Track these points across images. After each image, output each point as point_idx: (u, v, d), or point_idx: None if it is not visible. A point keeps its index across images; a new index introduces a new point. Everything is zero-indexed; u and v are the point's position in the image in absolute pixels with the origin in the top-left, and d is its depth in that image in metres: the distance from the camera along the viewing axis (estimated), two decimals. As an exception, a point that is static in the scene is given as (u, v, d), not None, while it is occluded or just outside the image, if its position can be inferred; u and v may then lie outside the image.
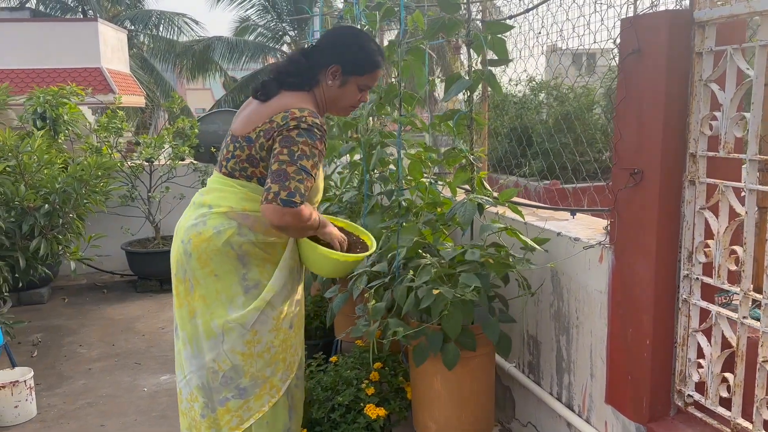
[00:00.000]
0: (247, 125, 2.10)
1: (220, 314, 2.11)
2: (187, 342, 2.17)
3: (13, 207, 3.79)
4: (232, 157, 2.12)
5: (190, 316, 2.15)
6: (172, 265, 2.21)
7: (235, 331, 2.11)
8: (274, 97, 2.12)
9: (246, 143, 2.08)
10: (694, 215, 1.91)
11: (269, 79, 2.18)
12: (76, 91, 5.43)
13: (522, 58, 3.69)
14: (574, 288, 2.39)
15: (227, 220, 2.10)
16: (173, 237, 2.25)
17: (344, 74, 2.14)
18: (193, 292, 2.14)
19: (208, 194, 2.18)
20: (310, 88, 2.16)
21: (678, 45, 1.86)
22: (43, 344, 4.45)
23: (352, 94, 2.18)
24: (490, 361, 2.48)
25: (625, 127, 2.04)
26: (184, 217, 2.21)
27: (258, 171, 2.09)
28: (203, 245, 2.10)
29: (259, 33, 20.37)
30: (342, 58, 2.13)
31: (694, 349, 1.97)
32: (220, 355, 2.12)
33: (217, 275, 2.11)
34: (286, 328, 2.20)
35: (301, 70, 2.15)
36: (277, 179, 1.93)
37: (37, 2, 19.35)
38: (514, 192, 2.53)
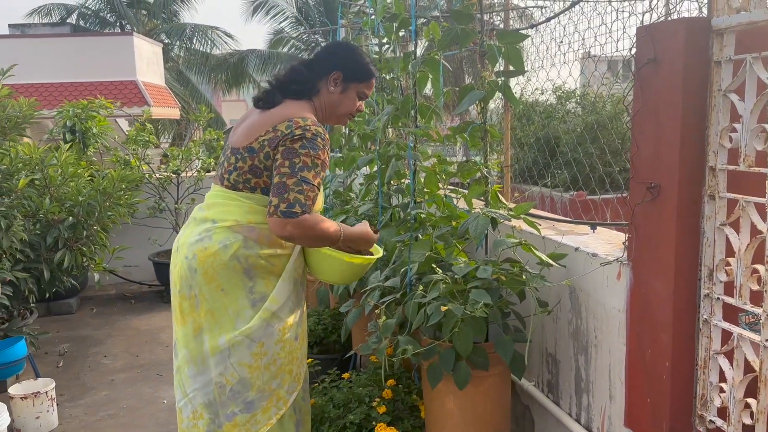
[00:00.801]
0: (248, 136, 2.10)
1: (228, 329, 2.10)
2: (190, 360, 2.15)
3: (38, 219, 3.85)
4: (234, 170, 2.11)
5: (195, 333, 2.13)
6: (173, 282, 2.19)
7: (243, 344, 2.09)
8: (277, 106, 2.14)
9: (248, 154, 2.08)
10: (714, 232, 1.81)
11: (271, 87, 2.21)
12: (105, 105, 5.53)
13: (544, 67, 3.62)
14: (593, 305, 2.31)
15: (233, 233, 2.10)
16: (173, 254, 2.23)
17: (345, 81, 2.20)
18: (199, 308, 2.12)
19: (210, 209, 2.16)
20: (311, 96, 2.20)
21: (695, 54, 1.78)
22: (69, 354, 4.51)
23: (351, 101, 2.23)
24: (505, 380, 2.40)
25: (642, 139, 1.96)
26: (184, 233, 2.20)
27: (262, 181, 2.09)
28: (209, 260, 2.09)
29: (292, 45, 20.60)
30: (343, 65, 2.20)
31: (715, 372, 1.87)
32: (227, 368, 2.10)
33: (224, 290, 2.10)
34: (291, 340, 2.18)
35: (302, 78, 2.20)
36: (277, 192, 1.97)
37: (77, 18, 19.89)
38: (530, 206, 2.46)
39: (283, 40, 20.65)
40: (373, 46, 3.71)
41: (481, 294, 2.13)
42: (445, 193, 2.90)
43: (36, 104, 4.07)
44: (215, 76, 20.04)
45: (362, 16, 4.07)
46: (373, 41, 3.66)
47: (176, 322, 2.19)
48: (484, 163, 2.50)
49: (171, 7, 20.33)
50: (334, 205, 4.18)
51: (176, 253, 2.20)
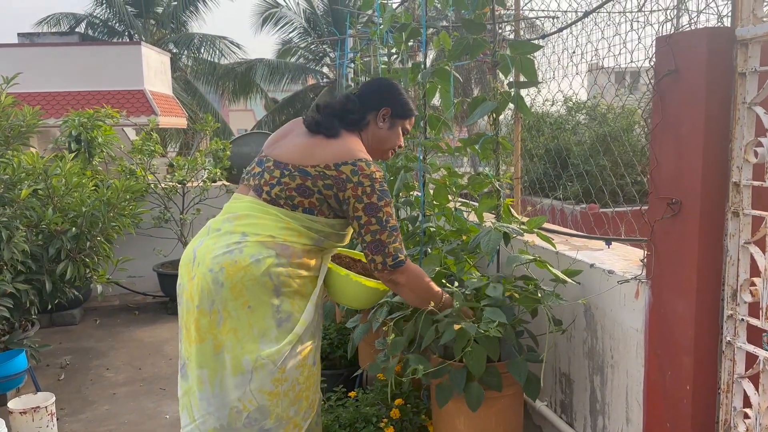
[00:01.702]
0: (302, 157, 2.07)
1: (251, 349, 2.00)
2: (206, 381, 2.02)
3: (41, 230, 3.80)
4: (277, 184, 2.06)
5: (215, 351, 2.01)
6: (189, 297, 2.06)
7: (266, 368, 2.00)
8: (335, 138, 2.12)
9: (299, 174, 2.04)
10: (738, 250, 1.74)
11: (329, 114, 2.18)
12: (111, 114, 5.49)
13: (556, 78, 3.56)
14: (609, 325, 2.23)
15: (266, 249, 2.02)
16: (184, 267, 2.11)
17: (393, 117, 2.25)
18: (222, 325, 2.01)
19: (240, 221, 2.08)
20: (361, 129, 2.22)
21: (719, 65, 1.71)
22: (70, 367, 4.45)
23: (397, 136, 2.28)
24: (518, 401, 2.32)
25: (662, 154, 1.89)
26: (205, 244, 2.08)
27: (308, 201, 2.05)
28: (239, 274, 1.99)
29: (300, 55, 20.65)
30: (391, 101, 2.24)
31: (739, 396, 1.78)
32: (246, 394, 2.00)
33: (251, 307, 2.00)
34: (310, 365, 2.11)
35: (356, 109, 2.21)
36: (378, 250, 2.04)
37: (85, 27, 19.99)
38: (543, 220, 2.39)
39: (291, 50, 20.70)
40: (382, 57, 3.67)
41: (495, 312, 2.05)
42: (455, 206, 2.83)
43: (40, 113, 4.02)
44: (222, 85, 20.08)
45: (371, 26, 4.02)
46: (382, 51, 3.61)
47: (189, 340, 2.07)
48: (496, 175, 2.44)
49: (180, 17, 20.42)
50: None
51: (194, 265, 2.07)
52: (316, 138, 2.12)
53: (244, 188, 2.16)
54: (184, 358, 2.11)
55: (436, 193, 2.81)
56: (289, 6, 20.29)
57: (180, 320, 2.13)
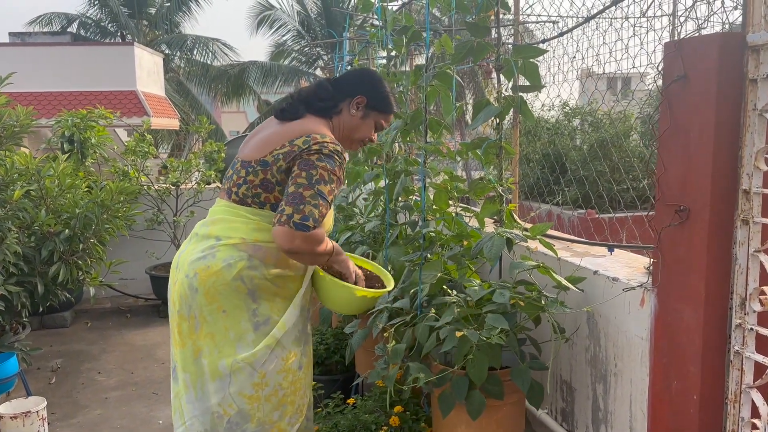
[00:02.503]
0: (262, 149, 2.03)
1: (228, 353, 1.99)
2: (189, 385, 2.03)
3: (33, 232, 3.74)
4: (244, 183, 2.02)
5: (194, 356, 2.02)
6: (172, 302, 2.09)
7: (244, 371, 1.99)
8: (297, 120, 2.07)
9: (261, 167, 2.00)
10: (748, 258, 1.71)
11: (296, 100, 2.15)
12: (105, 114, 5.43)
13: (556, 83, 3.55)
14: (613, 332, 2.20)
15: (237, 252, 2.00)
16: (171, 272, 2.12)
17: (368, 107, 2.19)
18: (199, 330, 2.01)
19: (215, 225, 2.06)
20: (332, 116, 2.16)
21: (729, 71, 1.69)
22: (62, 370, 4.38)
23: (368, 128, 2.22)
24: (519, 409, 2.29)
25: (670, 160, 1.86)
26: (186, 250, 2.09)
27: (272, 196, 2.01)
28: (211, 280, 1.99)
29: (293, 57, 20.61)
30: (369, 91, 2.19)
31: (747, 407, 1.76)
32: (225, 398, 1.99)
33: (226, 311, 2.00)
34: (295, 369, 2.07)
35: (327, 96, 2.16)
36: (292, 202, 1.89)
37: (78, 27, 19.86)
38: (548, 227, 2.36)
39: (285, 53, 20.66)
40: (381, 59, 3.64)
41: (498, 319, 2.02)
42: (456, 211, 2.80)
43: (33, 113, 3.96)
44: (215, 87, 20.01)
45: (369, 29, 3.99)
46: (381, 54, 3.58)
47: (175, 344, 2.09)
48: (499, 180, 2.41)
49: (172, 18, 20.33)
50: (338, 220, 4.08)
51: (176, 270, 2.09)
52: (280, 126, 2.09)
53: (222, 192, 2.15)
54: (174, 361, 2.11)
55: (436, 198, 2.78)
56: (283, 9, 20.27)
57: (170, 322, 2.14)
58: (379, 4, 3.14)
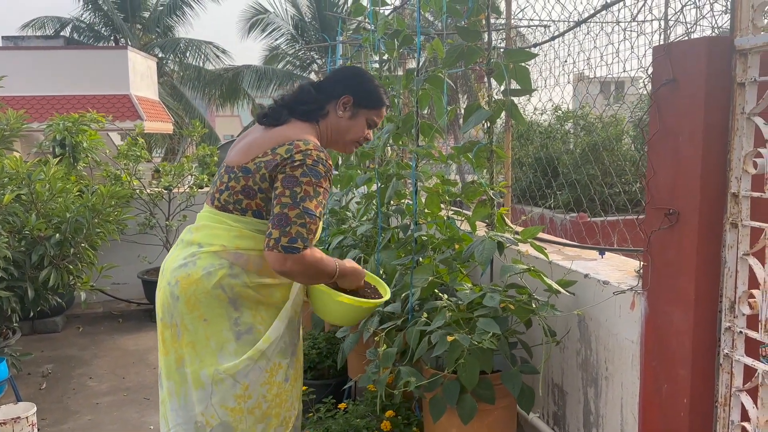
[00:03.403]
0: (245, 155, 1.97)
1: (210, 362, 1.95)
2: (173, 393, 2.00)
3: (24, 236, 3.72)
4: (225, 189, 1.98)
5: (177, 365, 1.98)
6: (157, 309, 2.06)
7: (226, 382, 1.94)
8: (280, 126, 2.01)
9: (242, 174, 1.95)
10: (737, 261, 1.72)
11: (278, 105, 2.08)
12: (97, 118, 5.42)
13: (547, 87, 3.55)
14: (603, 336, 2.20)
15: (218, 259, 1.95)
16: (159, 278, 2.08)
17: (355, 106, 2.10)
18: (181, 339, 1.97)
19: (198, 232, 2.03)
20: (318, 120, 2.08)
21: (717, 74, 1.69)
22: (52, 375, 4.35)
23: (360, 127, 2.12)
24: (510, 413, 2.29)
25: (659, 164, 1.87)
26: (171, 257, 2.05)
27: (254, 203, 1.95)
28: (192, 288, 1.94)
29: (287, 61, 20.60)
30: (354, 89, 2.10)
31: (737, 410, 1.76)
32: (208, 408, 1.95)
33: (207, 320, 1.94)
34: (280, 381, 2.02)
35: (311, 99, 2.08)
36: (278, 224, 1.83)
37: (71, 31, 19.82)
38: (538, 230, 2.36)
39: (279, 57, 20.66)
40: (373, 63, 3.64)
41: (489, 323, 2.02)
42: (447, 215, 2.80)
43: (24, 117, 3.95)
44: (209, 91, 19.99)
45: (361, 33, 4.00)
46: (374, 58, 3.58)
47: (160, 351, 2.06)
48: (490, 184, 2.41)
49: (166, 22, 20.31)
50: (330, 224, 4.08)
51: (161, 277, 2.06)
52: (264, 131, 2.03)
53: (207, 198, 2.11)
54: (160, 368, 2.08)
55: (428, 201, 2.78)
56: (277, 12, 20.27)
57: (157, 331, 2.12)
58: (371, 8, 3.14)
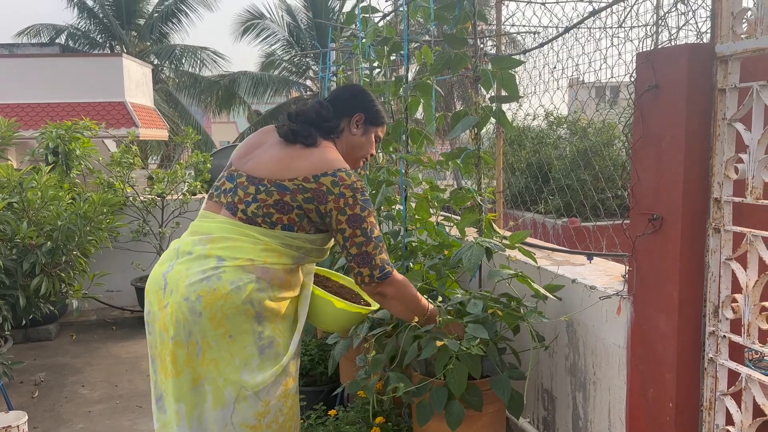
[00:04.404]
0: (280, 170, 1.97)
1: (234, 380, 1.90)
2: (184, 416, 1.91)
3: (15, 244, 3.72)
4: (253, 201, 1.95)
5: (193, 384, 1.90)
6: (164, 328, 1.91)
7: (249, 400, 1.91)
8: (314, 147, 2.04)
9: (276, 189, 1.94)
10: (720, 266, 1.73)
11: (304, 122, 2.09)
12: (90, 126, 5.42)
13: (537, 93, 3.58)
14: (591, 341, 2.21)
15: (246, 274, 1.91)
16: (158, 294, 1.95)
17: (366, 123, 2.20)
18: (201, 357, 1.89)
19: (216, 243, 1.95)
20: (336, 137, 2.16)
21: (699, 81, 1.71)
22: (45, 384, 4.35)
23: (370, 144, 2.23)
24: (499, 419, 2.29)
25: (643, 169, 1.88)
26: (177, 270, 1.93)
27: (287, 218, 1.95)
28: (219, 303, 1.87)
29: (283, 68, 20.64)
30: (365, 108, 2.20)
31: (722, 414, 1.77)
32: (227, 427, 1.91)
33: (232, 336, 1.90)
34: (294, 393, 2.03)
35: (331, 117, 2.14)
36: (363, 263, 1.97)
37: (66, 38, 19.83)
38: (526, 234, 2.37)
39: (275, 63, 20.69)
40: (364, 70, 3.65)
41: (478, 329, 2.03)
42: (437, 221, 2.81)
43: (16, 125, 3.96)
44: (205, 97, 20.00)
45: (353, 40, 4.01)
46: (364, 65, 3.59)
47: (164, 373, 1.94)
48: (477, 190, 2.42)
49: (161, 29, 20.33)
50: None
51: (165, 292, 1.92)
52: (292, 148, 2.03)
53: (215, 206, 2.04)
54: (160, 390, 1.98)
55: (418, 208, 2.79)
56: (272, 18, 20.31)
57: (152, 349, 2.01)
58: (360, 15, 3.16)
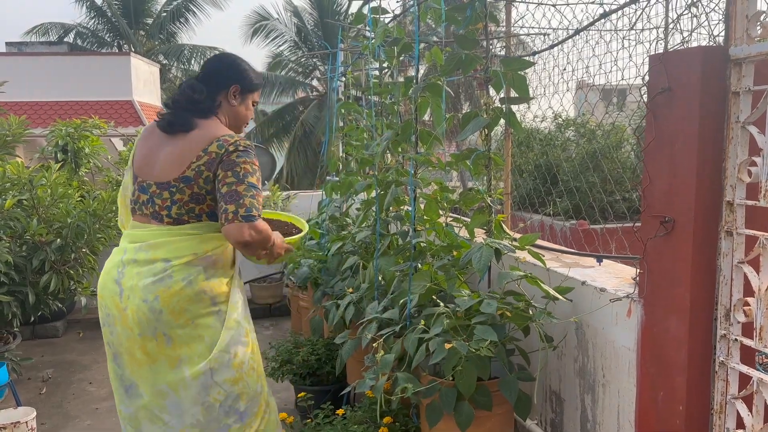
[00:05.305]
0: (176, 166, 2.10)
1: (206, 353, 2.10)
2: (168, 391, 2.09)
3: (25, 241, 3.74)
4: (173, 203, 2.10)
5: (172, 366, 2.08)
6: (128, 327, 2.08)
7: (221, 359, 2.11)
8: (194, 130, 2.14)
9: (184, 184, 2.08)
10: (732, 269, 1.73)
11: (179, 110, 2.19)
12: (99, 124, 5.44)
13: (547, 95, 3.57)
14: (600, 343, 2.21)
15: (193, 267, 2.09)
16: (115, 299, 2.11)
17: (243, 92, 2.29)
18: (172, 344, 2.08)
19: (158, 249, 2.09)
20: (216, 112, 2.23)
21: (712, 83, 1.71)
22: (52, 381, 4.36)
23: (249, 110, 2.35)
24: (507, 420, 2.29)
25: (655, 172, 1.88)
26: (128, 276, 2.10)
27: (206, 206, 2.11)
28: (174, 299, 2.06)
29: (290, 68, 20.65)
30: (238, 77, 2.28)
31: (733, 418, 1.77)
32: (212, 387, 2.10)
33: (194, 321, 2.10)
34: (254, 343, 2.24)
35: (203, 97, 2.21)
36: (231, 200, 2.00)
37: (74, 37, 19.91)
38: (536, 237, 2.37)
39: (281, 63, 20.71)
40: (373, 70, 3.66)
41: (487, 331, 2.03)
42: (446, 222, 2.81)
43: (26, 123, 3.97)
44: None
45: (362, 40, 4.02)
46: (373, 65, 3.60)
47: (135, 364, 2.10)
48: (487, 191, 2.42)
49: (169, 29, 20.39)
50: (330, 230, 4.09)
51: (121, 297, 2.10)
52: (178, 139, 2.14)
53: (141, 218, 2.18)
54: (130, 380, 2.14)
55: (426, 208, 2.79)
56: (280, 19, 20.33)
57: (114, 347, 2.15)
58: (370, 16, 3.16)
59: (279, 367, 3.48)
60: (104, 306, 2.16)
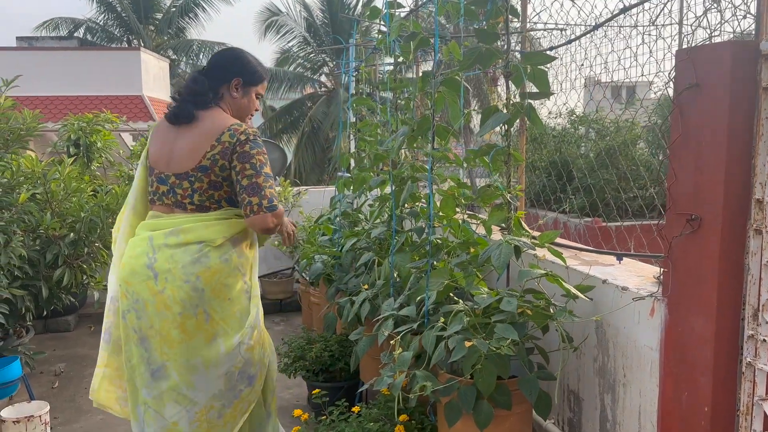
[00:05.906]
0: (191, 157, 2.22)
1: (238, 328, 2.30)
2: (200, 366, 2.24)
3: (38, 235, 3.74)
4: (194, 192, 2.24)
5: (207, 341, 2.24)
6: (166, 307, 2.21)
7: (248, 333, 2.31)
8: (199, 121, 2.26)
9: (202, 173, 2.22)
10: (761, 269, 1.69)
11: (183, 102, 2.30)
12: (111, 119, 5.43)
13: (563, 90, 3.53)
14: (622, 342, 2.18)
15: (226, 248, 2.26)
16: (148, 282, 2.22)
17: (245, 85, 2.39)
18: (210, 321, 2.24)
19: (188, 233, 2.22)
20: (218, 104, 2.34)
21: (742, 79, 1.67)
22: (65, 375, 4.37)
23: (252, 102, 2.44)
24: (526, 419, 2.27)
25: (681, 169, 1.84)
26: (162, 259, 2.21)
27: (223, 192, 2.26)
28: (216, 277, 2.23)
29: (298, 64, 20.63)
30: (240, 71, 2.38)
31: (759, 419, 1.73)
32: (237, 357, 2.28)
33: (230, 298, 2.28)
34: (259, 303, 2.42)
35: (206, 88, 2.32)
36: (254, 192, 2.17)
37: (84, 32, 19.95)
38: (556, 234, 2.34)
39: (290, 59, 20.70)
40: (387, 66, 3.63)
41: (507, 329, 2.00)
42: (463, 218, 2.78)
43: (40, 116, 3.97)
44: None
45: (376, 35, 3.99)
46: (388, 60, 3.57)
47: (168, 344, 2.23)
48: (507, 188, 2.39)
49: (178, 24, 20.41)
50: (343, 226, 4.07)
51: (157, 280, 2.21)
52: (188, 130, 2.26)
53: (162, 207, 2.31)
54: (159, 362, 2.25)
55: (443, 205, 2.76)
56: (290, 14, 20.30)
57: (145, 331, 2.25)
58: (386, 11, 3.13)
59: (292, 363, 3.47)
60: (131, 293, 2.25)
